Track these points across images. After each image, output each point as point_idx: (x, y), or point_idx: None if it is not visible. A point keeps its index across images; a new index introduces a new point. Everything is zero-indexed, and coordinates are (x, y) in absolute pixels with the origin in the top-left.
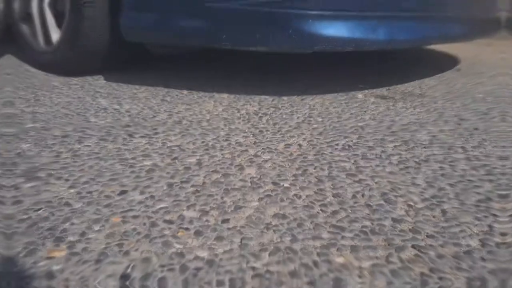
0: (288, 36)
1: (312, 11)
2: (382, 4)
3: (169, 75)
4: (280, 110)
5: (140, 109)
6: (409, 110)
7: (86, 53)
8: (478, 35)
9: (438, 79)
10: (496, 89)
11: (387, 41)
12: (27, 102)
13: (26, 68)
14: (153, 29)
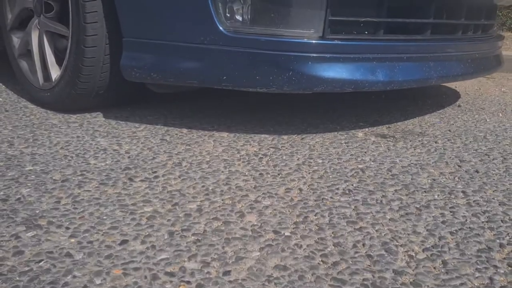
0: (288, 78)
1: (312, 54)
2: (381, 47)
3: (168, 112)
4: (280, 150)
5: (139, 150)
6: (410, 151)
7: (86, 91)
8: (479, 73)
9: (439, 116)
10: (497, 127)
11: (386, 83)
12: (26, 142)
13: (24, 104)
14: (152, 70)
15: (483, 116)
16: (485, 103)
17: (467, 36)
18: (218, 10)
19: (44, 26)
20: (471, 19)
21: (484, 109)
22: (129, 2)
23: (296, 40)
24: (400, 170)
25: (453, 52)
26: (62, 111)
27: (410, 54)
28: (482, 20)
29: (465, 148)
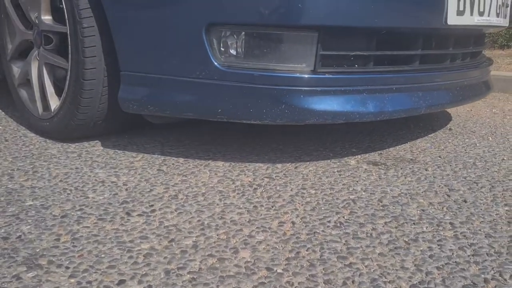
0: (281, 111)
1: (304, 87)
2: (371, 79)
3: (165, 139)
4: (274, 180)
5: (137, 182)
6: (401, 179)
7: (84, 122)
8: (468, 100)
9: (430, 140)
10: (486, 152)
11: (377, 113)
12: (25, 174)
13: (23, 132)
14: (149, 103)
15: (474, 140)
16: (475, 125)
17: (455, 64)
18: (213, 46)
19: (44, 58)
20: (459, 47)
21: (475, 133)
22: (126, 38)
23: (288, 74)
24: (391, 201)
25: (441, 81)
26: (61, 140)
27: (399, 85)
28: (470, 47)
29: (455, 176)
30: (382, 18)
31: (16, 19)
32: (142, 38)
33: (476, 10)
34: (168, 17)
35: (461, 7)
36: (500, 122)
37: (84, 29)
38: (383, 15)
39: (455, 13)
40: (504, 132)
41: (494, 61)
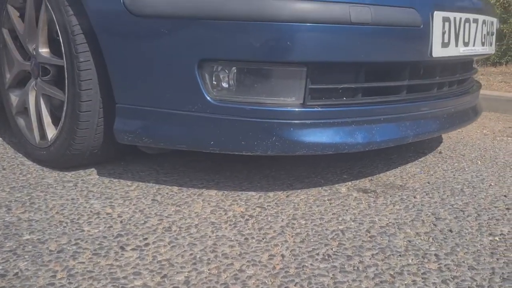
0: (271, 143)
1: (294, 121)
2: (359, 111)
3: (160, 167)
4: (266, 210)
5: (131, 213)
6: (389, 208)
7: (80, 151)
8: (455, 127)
9: (420, 165)
10: (474, 177)
11: (365, 144)
12: (23, 206)
13: (21, 160)
14: (144, 135)
15: (463, 164)
16: (465, 148)
17: (442, 92)
18: (205, 80)
19: (41, 89)
20: (446, 75)
21: (464, 156)
22: (121, 72)
23: (278, 108)
24: (379, 231)
25: (428, 110)
26: (57, 169)
27: (387, 115)
28: (458, 75)
29: (442, 203)
30: (368, 54)
31: (14, 49)
32: (136, 72)
33: (461, 41)
34: (161, 52)
35: (445, 39)
36: (490, 144)
37: (81, 63)
38: (368, 51)
39: (440, 45)
40: (494, 155)
41: (486, 78)
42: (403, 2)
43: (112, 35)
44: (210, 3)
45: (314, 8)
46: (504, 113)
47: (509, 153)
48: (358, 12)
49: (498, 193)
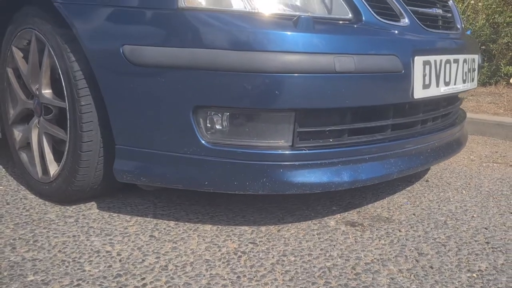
0: (262, 184)
1: (283, 163)
2: (345, 152)
3: (158, 199)
4: (258, 246)
5: (130, 251)
6: (375, 242)
7: (81, 188)
8: (439, 160)
9: (407, 195)
10: (458, 208)
11: (351, 182)
12: (26, 244)
13: (23, 193)
14: (142, 175)
15: (448, 193)
16: (452, 175)
17: (426, 127)
18: (199, 125)
19: (43, 128)
20: (430, 111)
21: (450, 184)
22: (120, 115)
23: (268, 151)
24: (364, 268)
25: (412, 146)
26: (59, 203)
27: (372, 154)
28: (441, 110)
29: (425, 237)
30: (353, 99)
31: (18, 88)
32: (135, 116)
33: (441, 81)
34: (158, 99)
35: (426, 81)
36: (476, 171)
37: (82, 106)
38: (353, 97)
39: (421, 87)
40: (478, 183)
41: (475, 99)
42: (385, 50)
43: (112, 81)
44: (205, 55)
45: (300, 59)
46: (491, 136)
47: (493, 181)
48: (342, 62)
49: (479, 225)
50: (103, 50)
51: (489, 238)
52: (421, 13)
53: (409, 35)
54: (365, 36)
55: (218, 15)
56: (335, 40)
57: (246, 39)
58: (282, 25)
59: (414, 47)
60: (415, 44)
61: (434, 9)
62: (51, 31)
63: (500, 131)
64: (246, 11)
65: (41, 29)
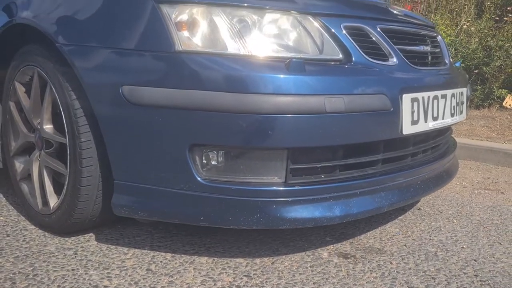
0: (256, 219)
1: (276, 199)
2: (336, 188)
3: (155, 229)
4: (252, 279)
5: (127, 286)
6: (366, 275)
7: (80, 220)
8: (430, 191)
9: (399, 224)
10: (449, 238)
11: (342, 216)
12: (26, 278)
13: (24, 224)
14: (140, 209)
15: (439, 223)
16: (444, 203)
17: (416, 160)
18: (195, 162)
19: (44, 162)
20: (420, 144)
21: (442, 213)
22: (119, 152)
23: (262, 188)
24: None
25: (403, 179)
26: (58, 234)
27: (363, 189)
28: (431, 142)
29: (416, 270)
30: (343, 138)
31: (19, 122)
32: (133, 153)
33: (430, 117)
34: (156, 137)
35: (415, 117)
36: (467, 198)
37: (82, 143)
38: (343, 135)
39: (410, 123)
40: (470, 211)
41: (469, 123)
42: (374, 89)
43: (111, 119)
44: (201, 96)
45: (292, 100)
46: (484, 162)
47: (484, 209)
48: (332, 103)
49: (469, 257)
50: (103, 89)
51: (478, 270)
52: (409, 51)
53: (397, 73)
54: (355, 76)
55: (214, 58)
56: (326, 81)
57: (240, 81)
58: (275, 68)
59: (402, 86)
60: (403, 82)
61: (421, 47)
62: (53, 69)
63: (492, 156)
64: (240, 54)
65: (43, 67)
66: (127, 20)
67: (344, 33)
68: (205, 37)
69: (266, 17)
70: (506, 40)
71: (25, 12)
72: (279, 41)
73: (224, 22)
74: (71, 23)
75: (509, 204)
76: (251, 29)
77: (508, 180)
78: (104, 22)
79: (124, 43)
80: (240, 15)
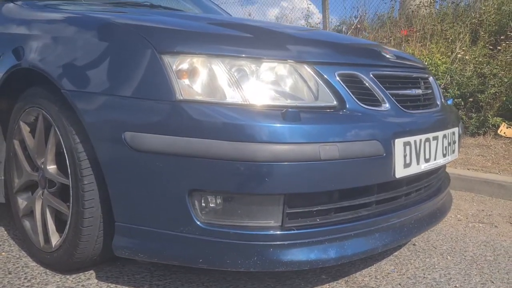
0: (253, 262)
1: (273, 242)
2: (331, 230)
3: (154, 267)
4: None
5: None
6: None
7: (81, 259)
8: (423, 229)
9: (394, 261)
10: (442, 276)
11: (337, 259)
12: None
13: (25, 261)
14: (140, 251)
15: (434, 259)
16: (438, 238)
17: (410, 199)
18: (195, 206)
19: (47, 201)
20: (414, 183)
21: (436, 249)
22: (120, 195)
23: (259, 232)
24: None
25: (396, 219)
26: (59, 271)
27: (357, 231)
28: (424, 181)
29: None
30: (337, 183)
31: (23, 160)
32: (134, 196)
33: (422, 159)
34: (156, 182)
35: (407, 160)
36: (462, 232)
37: (85, 185)
38: (337, 181)
39: (402, 166)
40: (464, 246)
41: (464, 151)
42: (367, 136)
43: (114, 163)
44: (200, 144)
45: (288, 149)
46: (478, 193)
47: (478, 244)
48: (326, 150)
49: None
50: (106, 135)
51: None
52: (402, 95)
53: (389, 118)
54: (348, 124)
55: (213, 107)
56: (320, 129)
57: (238, 130)
58: (271, 117)
59: (394, 130)
60: (395, 127)
61: (413, 90)
62: (58, 113)
63: (487, 188)
64: (238, 103)
65: (48, 109)
66: (129, 68)
67: (338, 80)
68: (205, 85)
69: (263, 66)
70: (500, 68)
71: (32, 57)
72: (276, 88)
73: (223, 72)
74: (75, 69)
75: (502, 239)
76: (249, 78)
77: (502, 212)
78: (107, 69)
79: (126, 90)
80: (239, 65)
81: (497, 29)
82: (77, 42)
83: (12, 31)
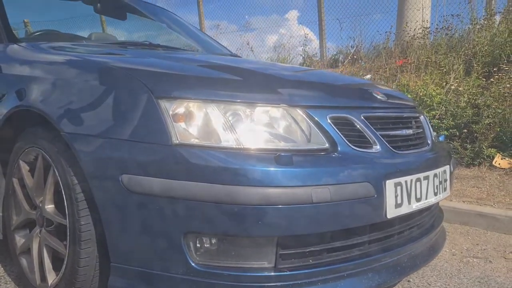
0: None
1: (266, 284)
2: (324, 271)
3: None
4: None
5: None
6: None
7: None
8: (416, 268)
9: None
10: None
11: None
12: None
13: None
14: None
15: None
16: (433, 274)
17: (402, 237)
18: (190, 248)
19: (44, 240)
20: (406, 222)
21: (430, 285)
22: (116, 236)
23: (252, 273)
24: None
25: (389, 259)
26: None
27: (350, 271)
28: (417, 219)
29: None
30: (330, 225)
31: (22, 199)
32: (130, 238)
33: (413, 199)
34: (152, 223)
35: (398, 201)
36: (456, 268)
37: (82, 226)
38: (330, 223)
39: (394, 207)
40: (458, 283)
41: (459, 183)
42: (358, 178)
43: (110, 205)
44: (194, 187)
45: (281, 192)
46: (473, 226)
47: (472, 281)
48: (318, 193)
49: None
50: (103, 176)
51: None
52: (392, 136)
53: (381, 160)
54: (340, 167)
55: (208, 152)
56: (312, 173)
57: (232, 174)
58: (265, 161)
59: (385, 172)
60: (386, 168)
61: (404, 131)
62: (57, 154)
63: (481, 221)
64: (233, 147)
65: (47, 150)
66: (127, 112)
67: (330, 123)
68: (201, 129)
69: (257, 111)
70: (493, 99)
71: (33, 98)
72: (270, 131)
73: (219, 116)
74: (74, 112)
75: (496, 275)
76: (243, 122)
77: (496, 247)
78: (105, 112)
79: (124, 134)
80: (234, 109)
81: (490, 60)
82: (76, 85)
83: (15, 72)
